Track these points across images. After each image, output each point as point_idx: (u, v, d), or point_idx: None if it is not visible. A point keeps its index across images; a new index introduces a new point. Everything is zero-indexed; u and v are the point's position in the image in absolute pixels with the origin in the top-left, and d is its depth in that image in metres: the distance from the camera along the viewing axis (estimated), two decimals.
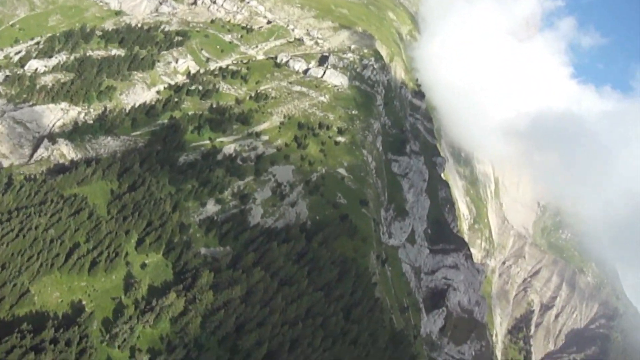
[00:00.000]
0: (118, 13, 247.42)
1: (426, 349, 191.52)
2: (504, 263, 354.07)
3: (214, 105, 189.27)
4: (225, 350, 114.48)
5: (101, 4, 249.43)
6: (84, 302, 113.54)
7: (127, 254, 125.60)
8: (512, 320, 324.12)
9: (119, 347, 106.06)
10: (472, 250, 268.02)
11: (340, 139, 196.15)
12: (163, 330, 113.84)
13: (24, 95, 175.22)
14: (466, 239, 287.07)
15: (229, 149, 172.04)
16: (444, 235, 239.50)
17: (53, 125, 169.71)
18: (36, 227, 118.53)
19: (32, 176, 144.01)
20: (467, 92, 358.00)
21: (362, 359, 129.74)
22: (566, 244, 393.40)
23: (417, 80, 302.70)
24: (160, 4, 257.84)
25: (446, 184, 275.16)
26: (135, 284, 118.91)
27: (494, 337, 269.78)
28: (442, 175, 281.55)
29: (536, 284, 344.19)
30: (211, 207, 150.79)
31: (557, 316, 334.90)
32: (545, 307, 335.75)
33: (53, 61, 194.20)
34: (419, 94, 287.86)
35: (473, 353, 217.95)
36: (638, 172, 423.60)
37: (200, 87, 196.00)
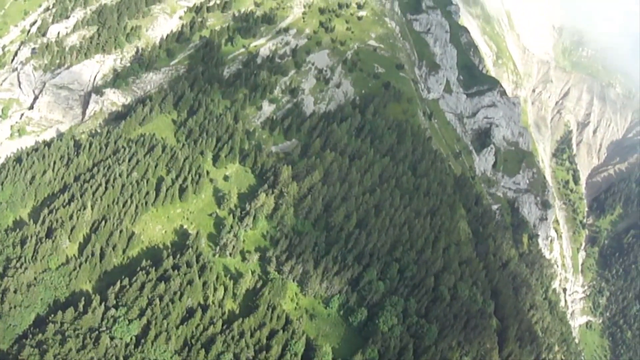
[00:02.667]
0: None
1: (484, 187, 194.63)
2: (533, 91, 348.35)
3: (236, 14, 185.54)
4: (321, 229, 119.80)
5: None
6: (185, 227, 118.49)
7: (208, 172, 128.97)
8: (554, 143, 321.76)
9: (230, 254, 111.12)
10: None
11: (362, 13, 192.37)
12: (263, 229, 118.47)
13: (57, 61, 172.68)
14: (493, 75, 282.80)
15: (265, 50, 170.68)
16: (475, 78, 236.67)
17: (94, 79, 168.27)
18: (120, 175, 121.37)
19: (94, 131, 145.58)
20: None
21: (438, 206, 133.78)
22: (589, 60, 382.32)
23: None
24: None
25: (465, 29, 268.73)
26: (226, 195, 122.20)
27: (540, 163, 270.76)
28: (458, 22, 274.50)
29: (568, 105, 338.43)
30: (267, 108, 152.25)
31: (594, 131, 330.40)
32: (582, 125, 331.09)
33: (72, 20, 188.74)
34: None
35: (527, 181, 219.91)
36: None
37: (218, 1, 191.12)
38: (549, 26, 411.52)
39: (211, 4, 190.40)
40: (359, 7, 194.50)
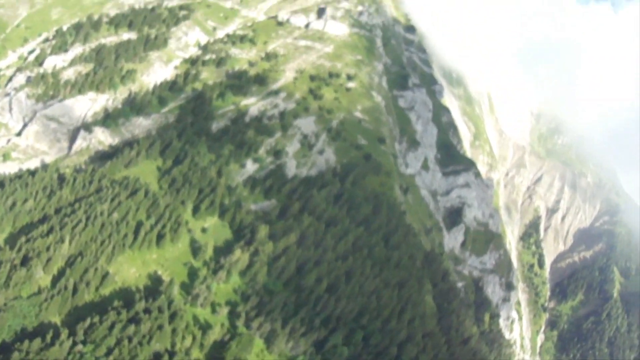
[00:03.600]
0: None
1: (452, 264, 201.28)
2: (507, 174, 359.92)
3: (230, 72, 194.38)
4: (292, 290, 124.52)
5: None
6: (159, 272, 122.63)
7: (187, 222, 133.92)
8: (523, 227, 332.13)
9: (201, 305, 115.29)
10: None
11: (351, 84, 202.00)
12: (235, 284, 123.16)
13: (51, 92, 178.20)
14: (469, 156, 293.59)
15: (254, 110, 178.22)
16: (452, 157, 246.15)
17: (85, 116, 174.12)
18: (101, 214, 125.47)
19: (79, 167, 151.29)
20: (454, 17, 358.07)
21: (406, 279, 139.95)
22: (563, 148, 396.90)
23: (406, 15, 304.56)
24: None
25: (447, 110, 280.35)
26: (202, 247, 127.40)
27: (508, 245, 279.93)
28: (441, 101, 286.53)
29: (540, 190, 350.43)
30: (250, 167, 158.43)
31: (563, 218, 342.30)
32: (551, 211, 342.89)
33: (70, 55, 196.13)
34: (411, 28, 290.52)
35: (494, 262, 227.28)
36: (632, 82, 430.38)
37: (214, 56, 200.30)
38: (528, 112, 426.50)
39: (207, 58, 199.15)
40: (349, 78, 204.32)
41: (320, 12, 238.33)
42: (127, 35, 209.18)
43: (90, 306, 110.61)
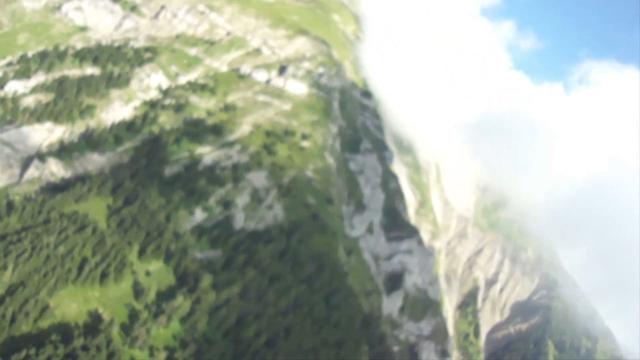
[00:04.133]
0: (83, 29, 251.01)
1: (389, 328, 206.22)
2: (449, 244, 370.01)
3: (188, 119, 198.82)
4: (230, 342, 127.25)
5: (66, 20, 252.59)
6: (100, 311, 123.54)
7: (132, 263, 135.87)
8: (461, 296, 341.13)
9: (139, 347, 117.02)
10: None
11: (305, 143, 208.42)
12: (175, 330, 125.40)
13: (9, 117, 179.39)
14: (412, 222, 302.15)
15: (208, 159, 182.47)
16: (397, 223, 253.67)
17: (40, 145, 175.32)
18: (47, 245, 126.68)
19: (29, 196, 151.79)
20: (409, 86, 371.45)
21: (344, 340, 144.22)
22: (506, 222, 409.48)
23: (364, 80, 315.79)
24: (123, 18, 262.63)
25: (395, 176, 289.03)
26: (145, 290, 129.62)
27: (445, 313, 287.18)
28: (391, 167, 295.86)
29: (480, 261, 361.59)
30: (199, 215, 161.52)
31: (501, 290, 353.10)
32: (490, 283, 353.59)
33: (32, 82, 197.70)
34: (367, 94, 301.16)
35: (430, 328, 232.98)
36: (580, 163, 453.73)
37: (173, 102, 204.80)
38: (474, 184, 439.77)
39: (166, 102, 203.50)
40: (304, 137, 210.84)
41: (282, 70, 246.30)
42: (90, 70, 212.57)
43: (27, 337, 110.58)
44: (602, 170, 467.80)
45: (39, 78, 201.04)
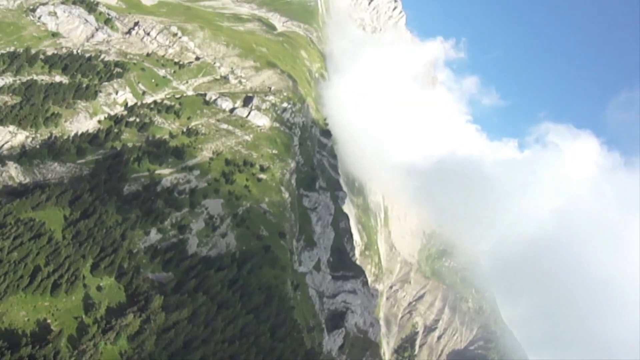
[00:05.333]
0: (55, 34, 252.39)
1: None
2: (391, 287, 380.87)
3: (150, 138, 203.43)
4: None
5: (39, 23, 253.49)
6: (49, 321, 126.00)
7: (84, 277, 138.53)
8: (399, 340, 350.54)
9: None
10: None
11: (263, 176, 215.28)
12: (122, 347, 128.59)
13: None
14: (358, 264, 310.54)
15: (167, 181, 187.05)
16: (343, 263, 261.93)
17: (1, 148, 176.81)
18: (1, 250, 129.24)
19: None
20: (367, 129, 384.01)
21: None
22: (449, 271, 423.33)
23: (325, 119, 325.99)
24: (97, 30, 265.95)
25: (346, 216, 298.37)
26: (96, 305, 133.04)
27: (383, 355, 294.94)
28: (342, 207, 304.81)
29: (420, 308, 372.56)
30: (154, 236, 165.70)
31: (439, 337, 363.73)
32: (429, 329, 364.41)
33: None
34: (326, 133, 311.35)
35: None
36: (528, 218, 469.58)
37: (138, 120, 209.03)
38: (421, 231, 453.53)
39: (131, 120, 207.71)
40: (262, 169, 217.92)
41: (247, 101, 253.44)
42: (59, 77, 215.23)
43: None
44: (550, 227, 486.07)
45: (6, 79, 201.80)
